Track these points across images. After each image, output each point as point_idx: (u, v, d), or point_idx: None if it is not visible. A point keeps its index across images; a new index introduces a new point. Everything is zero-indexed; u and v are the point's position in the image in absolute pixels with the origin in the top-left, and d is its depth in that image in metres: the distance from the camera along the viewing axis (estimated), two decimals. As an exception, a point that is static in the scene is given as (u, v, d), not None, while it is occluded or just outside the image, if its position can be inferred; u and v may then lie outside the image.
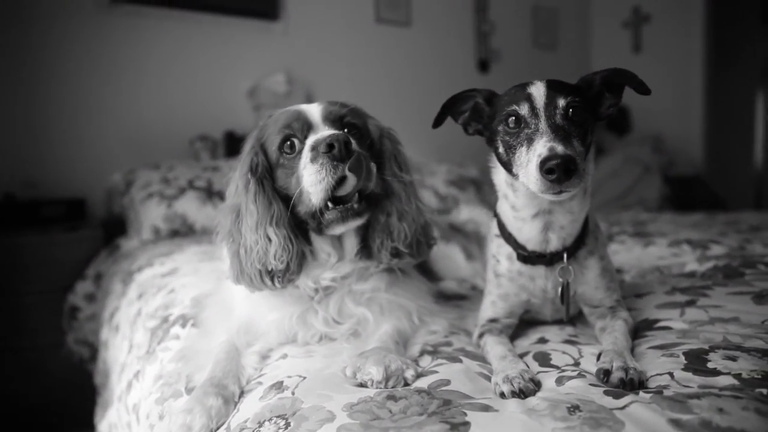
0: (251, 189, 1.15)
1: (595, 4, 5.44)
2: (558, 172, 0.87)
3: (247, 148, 1.21)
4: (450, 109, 1.12)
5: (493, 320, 1.19)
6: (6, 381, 2.48)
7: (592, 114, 1.03)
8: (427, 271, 1.52)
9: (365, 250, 1.21)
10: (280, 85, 3.41)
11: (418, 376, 0.96)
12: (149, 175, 2.75)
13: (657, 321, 1.15)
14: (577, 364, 1.00)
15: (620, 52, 5.15)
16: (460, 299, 1.53)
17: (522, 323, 1.25)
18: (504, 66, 4.67)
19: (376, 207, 1.18)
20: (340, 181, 1.07)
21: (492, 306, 1.20)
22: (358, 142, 1.14)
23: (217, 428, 0.94)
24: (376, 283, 1.22)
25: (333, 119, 1.17)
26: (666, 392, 0.81)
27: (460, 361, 1.02)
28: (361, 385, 0.93)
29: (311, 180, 1.08)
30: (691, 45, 4.85)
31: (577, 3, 5.36)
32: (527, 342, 1.16)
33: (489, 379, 0.96)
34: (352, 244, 1.21)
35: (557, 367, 0.98)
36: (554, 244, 1.10)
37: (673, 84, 4.85)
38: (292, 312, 1.19)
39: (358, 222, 1.14)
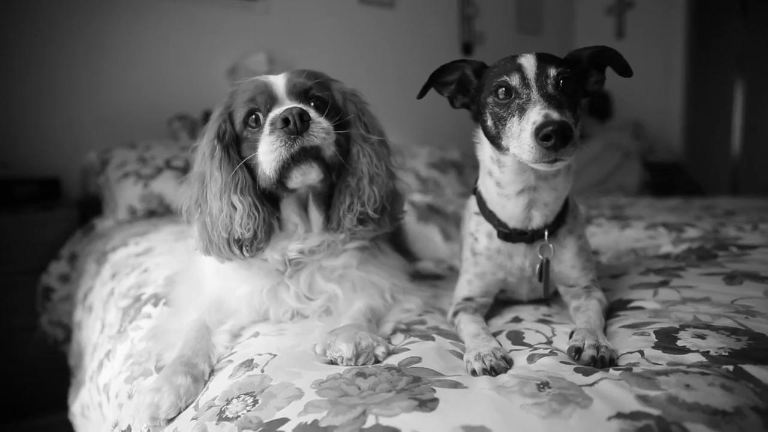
0: (216, 156, 1.15)
1: (579, -11, 5.42)
2: (555, 138, 0.86)
3: (215, 115, 1.20)
4: (436, 79, 1.09)
5: (468, 299, 1.18)
6: (-22, 362, 2.43)
7: (580, 87, 1.02)
8: (404, 252, 1.51)
9: (333, 222, 1.18)
10: (260, 65, 3.34)
11: (390, 353, 0.95)
12: (125, 154, 2.68)
13: (630, 301, 1.16)
14: (549, 342, 0.99)
15: (603, 38, 5.15)
16: (436, 279, 1.52)
17: (497, 303, 1.25)
18: (487, 49, 4.64)
19: (341, 171, 1.16)
20: (299, 154, 1.06)
21: (468, 284, 1.19)
22: (322, 113, 1.13)
23: (186, 407, 0.92)
24: (348, 260, 1.21)
25: (297, 92, 1.15)
26: (635, 369, 0.81)
27: (433, 339, 1.01)
28: (332, 362, 0.92)
29: (265, 150, 1.08)
30: (672, 33, 4.87)
31: (562, -13, 5.34)
32: (501, 321, 1.15)
33: (461, 357, 0.95)
34: (318, 212, 1.19)
35: (530, 345, 0.98)
36: (536, 221, 1.09)
37: (655, 71, 4.88)
38: (262, 285, 1.18)
39: (313, 170, 1.09)
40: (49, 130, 2.96)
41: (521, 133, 0.92)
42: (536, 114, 0.89)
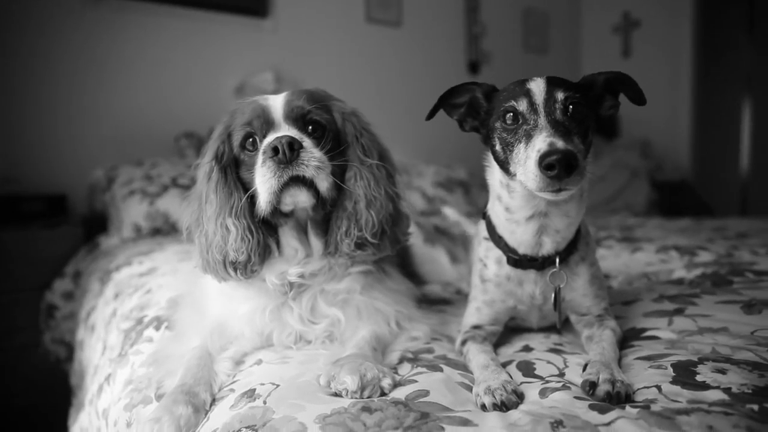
0: (213, 178, 1.15)
1: (585, 9, 5.44)
2: (558, 167, 0.83)
3: (215, 135, 1.21)
4: (446, 100, 1.07)
5: (477, 327, 1.14)
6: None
7: (592, 113, 0.99)
8: (411, 274, 1.48)
9: (331, 247, 1.16)
10: (268, 84, 3.35)
11: (396, 385, 0.91)
12: (132, 171, 2.67)
13: (644, 330, 1.12)
14: (561, 374, 0.95)
15: (610, 57, 5.15)
16: (444, 304, 1.48)
17: (507, 330, 1.21)
18: (494, 68, 4.65)
19: (338, 195, 1.14)
20: (289, 182, 1.05)
21: (477, 312, 1.15)
22: (320, 139, 1.12)
23: (186, 438, 0.89)
24: (351, 284, 1.18)
25: (295, 117, 1.13)
26: (653, 407, 0.77)
27: (441, 369, 0.97)
28: (336, 394, 0.89)
29: (259, 181, 1.07)
30: (679, 51, 4.86)
31: (568, 7, 5.35)
32: (511, 350, 1.12)
33: (470, 389, 0.92)
34: (316, 238, 1.17)
35: (541, 378, 0.94)
36: (547, 248, 1.06)
37: (662, 89, 4.86)
38: (264, 305, 1.16)
39: (302, 194, 1.07)
40: (56, 146, 2.96)
41: (527, 161, 0.89)
42: (541, 142, 0.87)
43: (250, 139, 1.14)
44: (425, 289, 1.56)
